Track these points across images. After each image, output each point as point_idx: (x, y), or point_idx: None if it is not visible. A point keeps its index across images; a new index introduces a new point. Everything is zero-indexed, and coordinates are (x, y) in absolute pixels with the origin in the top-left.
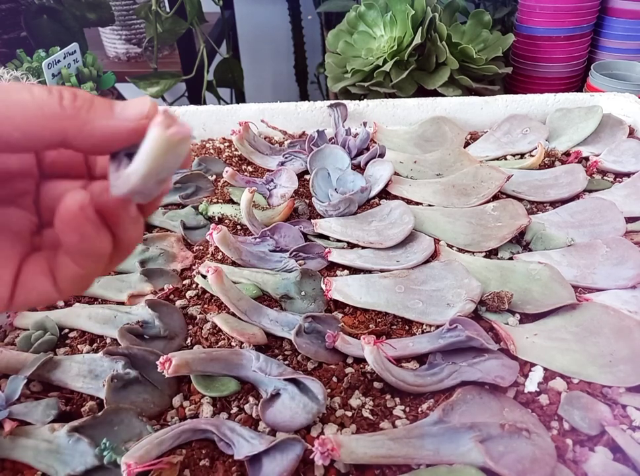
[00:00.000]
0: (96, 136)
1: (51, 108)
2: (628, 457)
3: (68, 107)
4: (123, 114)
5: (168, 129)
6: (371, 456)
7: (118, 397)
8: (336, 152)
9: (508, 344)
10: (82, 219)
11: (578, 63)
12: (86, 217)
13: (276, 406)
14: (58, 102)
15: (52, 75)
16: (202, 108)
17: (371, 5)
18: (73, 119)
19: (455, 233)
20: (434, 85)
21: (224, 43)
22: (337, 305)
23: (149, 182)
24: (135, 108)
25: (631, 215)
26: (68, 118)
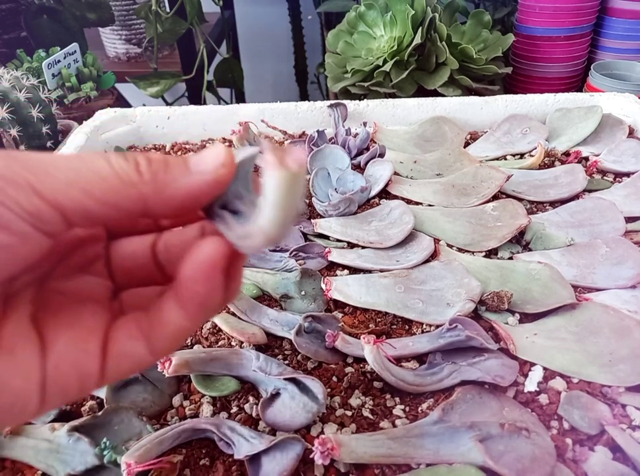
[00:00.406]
0: (177, 197)
1: (130, 175)
2: (628, 457)
3: (145, 172)
4: (200, 168)
5: (286, 164)
6: (371, 455)
7: (118, 397)
8: (336, 152)
9: (508, 343)
10: (219, 269)
11: (578, 63)
12: (222, 267)
13: (276, 406)
14: (135, 169)
15: (52, 75)
16: (202, 108)
17: (371, 5)
18: (152, 183)
19: (455, 233)
20: (434, 85)
21: (224, 43)
22: (337, 305)
23: (285, 226)
24: (210, 158)
25: (630, 215)
26: (147, 183)
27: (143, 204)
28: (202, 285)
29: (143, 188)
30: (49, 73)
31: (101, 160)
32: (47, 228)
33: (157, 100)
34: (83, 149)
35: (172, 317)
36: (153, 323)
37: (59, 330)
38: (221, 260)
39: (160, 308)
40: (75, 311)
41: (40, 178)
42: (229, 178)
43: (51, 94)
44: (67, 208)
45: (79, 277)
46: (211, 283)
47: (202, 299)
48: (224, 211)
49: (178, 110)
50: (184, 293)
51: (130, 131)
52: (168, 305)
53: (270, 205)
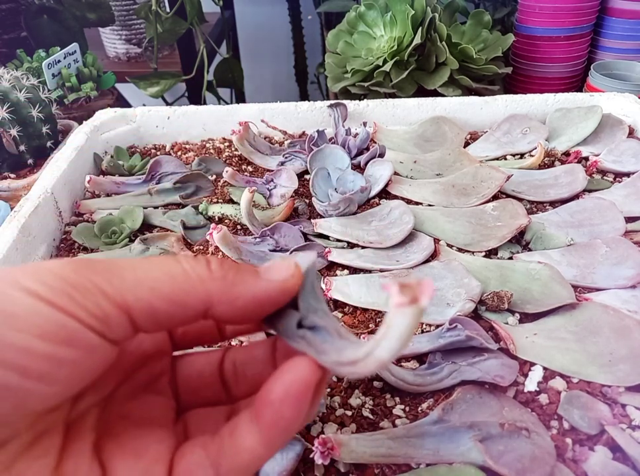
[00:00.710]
0: (244, 299)
1: (199, 272)
2: (628, 457)
3: (216, 270)
4: (269, 275)
5: (417, 300)
6: (371, 455)
7: None
8: (336, 152)
9: (508, 343)
10: (310, 392)
11: (578, 63)
12: (312, 393)
13: None
14: (206, 266)
15: (52, 75)
16: (202, 108)
17: (371, 5)
18: (221, 280)
19: (455, 233)
20: (434, 85)
21: (224, 43)
22: (337, 305)
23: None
24: (280, 269)
25: (630, 215)
26: (215, 279)
27: (208, 302)
28: (291, 408)
29: (211, 285)
30: (49, 73)
31: (170, 260)
32: (114, 334)
33: (157, 100)
34: (83, 149)
35: (247, 443)
36: (224, 450)
37: (123, 459)
38: (315, 382)
39: (234, 433)
40: (139, 437)
41: (109, 280)
42: (296, 288)
43: (51, 94)
44: (134, 309)
45: (143, 398)
46: (301, 407)
47: (287, 423)
48: (304, 330)
49: (178, 110)
50: (267, 417)
51: (130, 131)
52: (243, 430)
53: (394, 338)
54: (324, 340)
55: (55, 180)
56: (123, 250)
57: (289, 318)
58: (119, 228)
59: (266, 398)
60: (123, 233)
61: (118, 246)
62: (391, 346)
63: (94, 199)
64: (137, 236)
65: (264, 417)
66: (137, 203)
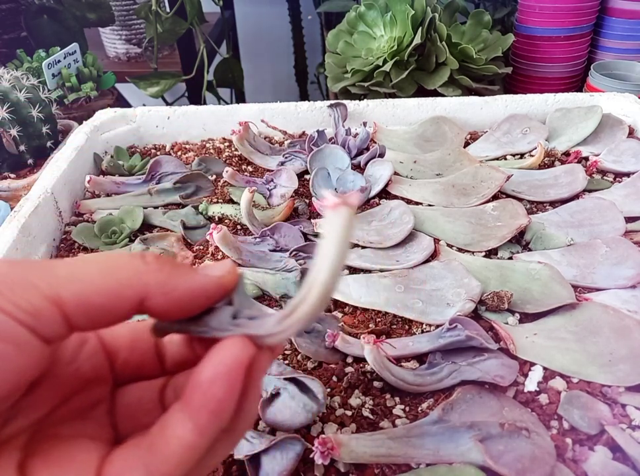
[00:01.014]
0: (179, 290)
1: (134, 264)
2: (628, 456)
3: (152, 262)
4: (207, 271)
5: (345, 203)
6: (371, 455)
7: None
8: (336, 152)
9: (508, 343)
10: (242, 370)
11: (578, 63)
12: (245, 370)
13: (276, 406)
14: (141, 259)
15: (52, 75)
16: (202, 108)
17: (371, 5)
18: (157, 272)
19: (455, 233)
20: (434, 85)
21: (224, 43)
22: (337, 305)
23: (334, 284)
24: (217, 266)
25: (630, 215)
26: (151, 271)
27: (144, 293)
28: (221, 388)
29: (147, 277)
30: (49, 73)
31: (104, 255)
32: (46, 331)
33: (157, 100)
34: (83, 149)
35: (178, 432)
36: (154, 445)
37: (49, 472)
38: (247, 360)
39: (164, 426)
40: (67, 451)
41: (41, 275)
42: (233, 285)
43: (51, 94)
44: (67, 303)
45: (77, 423)
46: (232, 386)
47: (217, 405)
48: (239, 319)
49: (178, 110)
50: (197, 399)
51: (130, 131)
52: (173, 421)
53: (333, 242)
54: (261, 319)
55: (55, 180)
56: (123, 250)
57: (223, 313)
58: (119, 228)
59: (195, 383)
60: (123, 233)
61: (118, 246)
62: (332, 253)
63: (94, 199)
64: (137, 236)
65: (194, 402)
66: (137, 203)
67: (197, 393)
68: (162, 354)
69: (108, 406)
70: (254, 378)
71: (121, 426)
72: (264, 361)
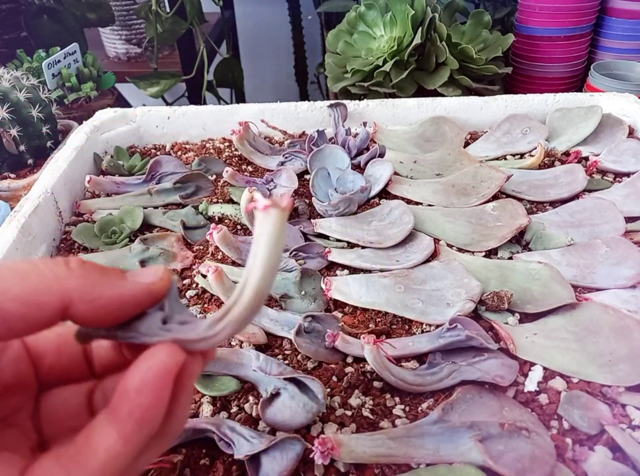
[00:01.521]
0: (106, 297)
1: (55, 270)
2: (627, 456)
3: (75, 268)
4: (137, 277)
5: (276, 205)
6: (371, 455)
7: None
8: (336, 152)
9: (508, 343)
10: (170, 378)
11: (578, 63)
12: (173, 378)
13: (276, 406)
14: (64, 264)
15: (52, 75)
16: (202, 108)
17: (371, 5)
18: (81, 278)
19: (455, 233)
20: (434, 85)
21: (224, 43)
22: (337, 305)
23: (267, 286)
24: (149, 272)
25: (630, 215)
26: (75, 277)
27: (67, 301)
28: (148, 396)
29: (69, 283)
30: (49, 73)
31: (23, 262)
32: None
33: (157, 100)
34: (83, 149)
35: (103, 442)
36: (78, 455)
37: None
38: (175, 367)
39: (89, 434)
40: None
41: None
42: (164, 292)
43: (51, 94)
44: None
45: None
46: (160, 394)
47: (144, 413)
48: (170, 325)
49: (178, 110)
50: (123, 408)
51: (130, 131)
52: (98, 430)
53: (264, 244)
54: (191, 324)
55: (55, 180)
56: (123, 250)
57: (153, 318)
58: (119, 228)
59: (121, 391)
60: (123, 233)
61: (118, 246)
62: (265, 253)
63: (94, 199)
64: (137, 236)
65: (120, 411)
66: (137, 203)
67: (123, 401)
68: (90, 357)
69: (32, 411)
70: (184, 384)
71: (46, 430)
72: (195, 367)
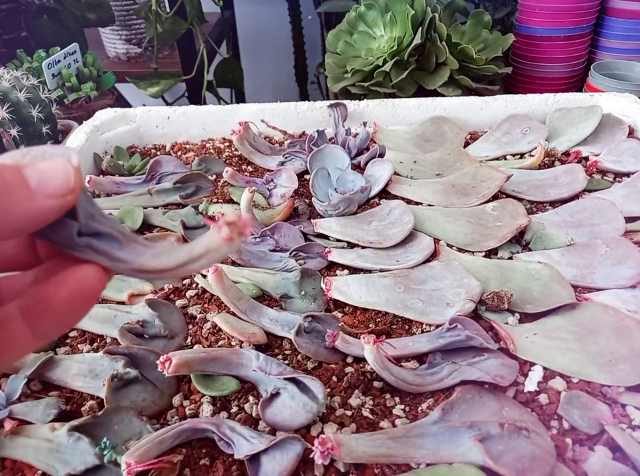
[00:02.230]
0: (13, 214)
1: None
2: (627, 456)
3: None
4: (44, 189)
5: (239, 234)
6: (371, 455)
7: (118, 396)
8: (336, 152)
9: (508, 343)
10: (95, 299)
11: (578, 63)
12: (97, 297)
13: (276, 406)
14: None
15: (52, 75)
16: (202, 108)
17: (371, 5)
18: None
19: (455, 233)
20: (433, 85)
21: (224, 43)
22: (337, 305)
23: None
24: (57, 178)
25: (630, 215)
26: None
27: None
28: (75, 312)
29: None
30: (49, 73)
31: None
32: None
33: (157, 100)
34: (83, 149)
35: (18, 337)
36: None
37: None
38: (101, 289)
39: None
40: None
41: None
42: (75, 201)
43: (51, 94)
44: None
45: None
46: (84, 312)
47: (67, 323)
48: (87, 238)
49: (178, 110)
50: (47, 319)
51: (130, 131)
52: (13, 327)
53: (213, 259)
54: (113, 246)
55: None
56: None
57: (67, 229)
58: None
59: (47, 301)
60: None
61: None
62: (206, 264)
63: (94, 199)
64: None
65: (43, 319)
66: (137, 203)
67: (49, 313)
68: None
69: None
70: (94, 301)
71: None
72: (104, 287)
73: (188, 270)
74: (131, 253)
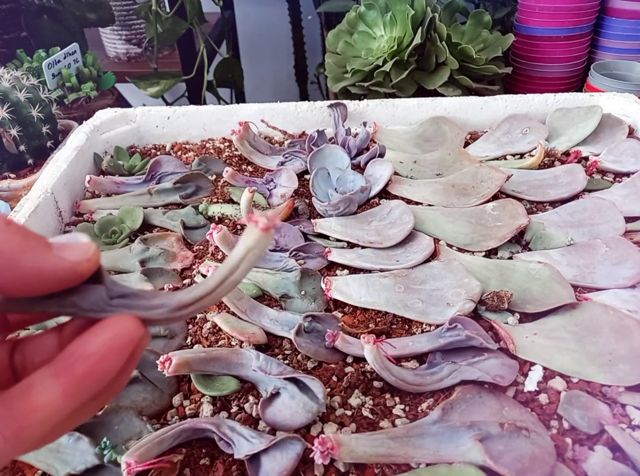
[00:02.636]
0: (27, 268)
1: None
2: (627, 456)
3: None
4: (63, 253)
5: (272, 225)
6: (371, 455)
7: (118, 396)
8: (336, 152)
9: (508, 343)
10: (131, 348)
11: (578, 63)
12: (134, 347)
13: (276, 405)
14: None
15: (52, 75)
16: (202, 108)
17: (371, 5)
18: (3, 243)
19: (455, 233)
20: (433, 85)
21: (224, 43)
22: (337, 305)
23: (235, 285)
24: (77, 248)
25: (630, 215)
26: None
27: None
28: (112, 361)
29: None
30: (49, 73)
31: None
32: None
33: (157, 100)
34: (83, 149)
35: (45, 396)
36: (13, 411)
37: None
38: (139, 338)
39: (26, 392)
40: None
41: None
42: (90, 273)
43: (51, 94)
44: None
45: None
46: (121, 361)
47: (102, 376)
48: (117, 299)
49: (178, 110)
50: (78, 370)
51: (130, 131)
52: (40, 387)
53: (242, 251)
54: (143, 300)
55: (55, 180)
56: (123, 250)
57: (95, 292)
58: (119, 228)
59: (79, 353)
60: (123, 233)
61: (118, 246)
62: (248, 267)
63: (94, 199)
64: (137, 236)
65: (74, 371)
66: (137, 203)
67: (81, 363)
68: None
69: None
70: (137, 355)
71: None
72: (147, 340)
73: (232, 282)
74: (164, 298)
